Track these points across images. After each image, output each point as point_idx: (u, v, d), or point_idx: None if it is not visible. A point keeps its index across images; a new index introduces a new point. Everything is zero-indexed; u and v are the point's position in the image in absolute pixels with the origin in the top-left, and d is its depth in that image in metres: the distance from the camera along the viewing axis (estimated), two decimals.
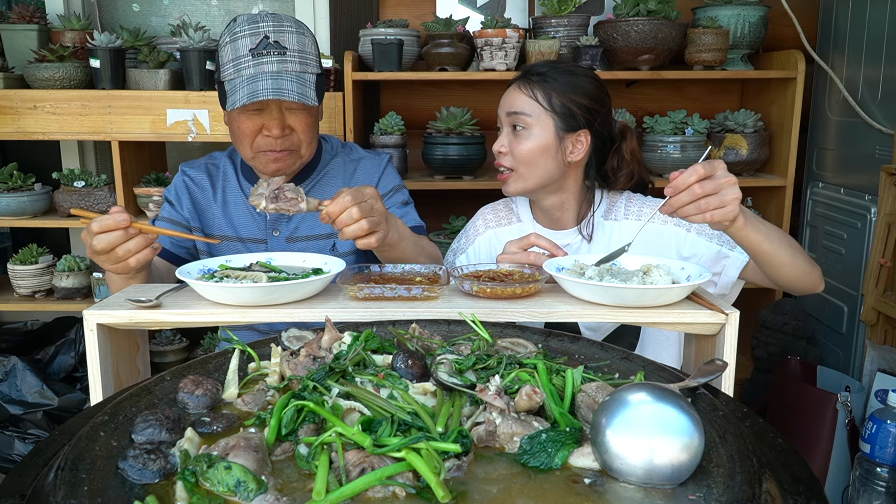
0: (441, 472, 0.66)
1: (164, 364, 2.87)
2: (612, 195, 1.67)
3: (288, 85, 1.45)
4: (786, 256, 1.33)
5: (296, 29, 1.51)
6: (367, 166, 1.74)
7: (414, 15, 2.92)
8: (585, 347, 1.03)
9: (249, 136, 1.53)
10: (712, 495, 0.65)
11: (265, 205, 1.29)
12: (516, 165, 1.58)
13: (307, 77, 1.50)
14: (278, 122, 1.51)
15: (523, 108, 1.56)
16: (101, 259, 1.27)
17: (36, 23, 2.65)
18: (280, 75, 1.46)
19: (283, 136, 1.52)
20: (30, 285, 2.72)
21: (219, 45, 1.54)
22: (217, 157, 1.75)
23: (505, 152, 1.58)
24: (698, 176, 1.17)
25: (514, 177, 1.59)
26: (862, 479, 1.90)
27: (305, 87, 1.48)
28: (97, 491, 0.65)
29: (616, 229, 1.62)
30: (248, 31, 1.47)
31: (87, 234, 1.26)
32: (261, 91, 1.43)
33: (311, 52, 1.54)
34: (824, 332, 2.65)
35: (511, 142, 1.57)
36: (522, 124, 1.56)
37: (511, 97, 1.59)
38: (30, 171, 2.69)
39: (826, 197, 2.67)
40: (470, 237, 1.76)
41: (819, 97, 2.78)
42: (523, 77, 1.59)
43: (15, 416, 2.64)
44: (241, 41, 1.47)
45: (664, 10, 2.57)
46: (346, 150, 1.79)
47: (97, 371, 1.15)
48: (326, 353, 0.95)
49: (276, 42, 1.47)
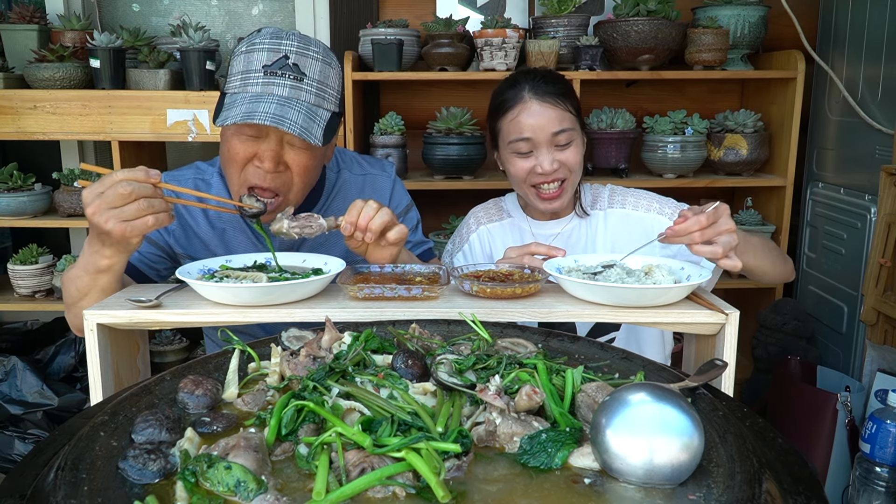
0: (441, 472, 0.66)
1: (164, 364, 2.88)
2: (594, 188, 1.75)
3: (293, 115, 1.26)
4: (768, 266, 1.46)
5: (322, 57, 1.33)
6: (375, 185, 1.63)
7: (414, 15, 2.92)
8: (585, 347, 1.03)
9: (239, 164, 1.34)
10: (712, 495, 0.65)
11: (287, 224, 1.27)
12: (568, 175, 1.60)
13: (320, 113, 1.32)
14: (274, 154, 1.32)
15: (565, 125, 1.57)
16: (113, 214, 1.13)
17: (36, 23, 2.65)
18: (288, 102, 1.28)
19: (276, 171, 1.34)
20: (30, 285, 2.72)
21: (233, 53, 1.37)
22: (206, 172, 1.55)
23: (558, 168, 1.57)
24: (700, 226, 1.22)
25: (566, 187, 1.61)
26: (862, 479, 1.90)
27: (313, 123, 1.29)
28: (97, 491, 0.65)
29: (602, 217, 1.69)
30: (267, 45, 1.30)
31: (101, 185, 1.14)
32: (258, 113, 1.24)
33: (333, 87, 1.36)
34: (824, 332, 2.65)
35: (557, 157, 1.57)
36: (570, 139, 1.58)
37: (547, 115, 1.56)
38: (30, 171, 2.69)
39: (826, 197, 2.67)
40: (463, 236, 1.78)
41: (819, 97, 2.78)
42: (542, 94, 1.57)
43: (15, 416, 2.64)
44: (256, 54, 1.30)
45: (664, 10, 2.57)
46: (348, 163, 1.63)
47: (97, 371, 1.15)
48: (326, 353, 0.95)
49: (296, 65, 1.30)
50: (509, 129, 1.59)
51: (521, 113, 1.57)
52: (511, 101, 1.59)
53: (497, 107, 1.63)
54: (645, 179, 2.72)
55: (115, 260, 1.23)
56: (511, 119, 1.58)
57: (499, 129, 1.64)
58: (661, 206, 1.66)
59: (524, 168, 1.59)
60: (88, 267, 1.25)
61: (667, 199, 1.69)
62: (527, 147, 1.58)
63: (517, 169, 1.60)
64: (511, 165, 1.62)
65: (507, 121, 1.59)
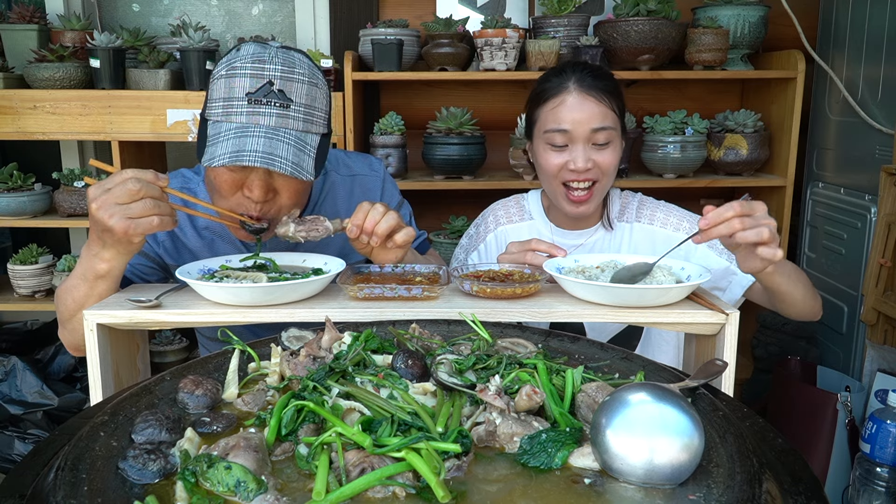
0: (441, 472, 0.66)
1: (164, 364, 2.87)
2: (623, 196, 1.66)
3: (282, 150, 1.22)
4: (798, 295, 1.37)
5: (308, 78, 1.28)
6: (364, 186, 1.59)
7: (414, 15, 2.92)
8: (585, 347, 1.03)
9: (227, 192, 1.31)
10: (712, 495, 0.65)
11: (293, 228, 1.27)
12: (601, 178, 1.52)
13: (309, 139, 1.28)
14: (263, 183, 1.28)
15: (606, 122, 1.49)
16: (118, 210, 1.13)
17: (36, 23, 2.65)
18: (276, 133, 1.23)
19: (266, 200, 1.30)
20: (30, 285, 2.72)
21: (213, 74, 1.30)
22: (192, 181, 1.51)
23: (591, 167, 1.50)
24: (735, 212, 1.14)
25: (596, 191, 1.53)
26: (862, 479, 1.90)
27: (303, 154, 1.25)
28: (97, 491, 0.65)
29: (627, 231, 1.62)
30: (249, 70, 1.24)
31: (110, 181, 1.14)
32: (247, 153, 1.20)
33: (321, 108, 1.31)
34: (824, 332, 2.65)
35: (592, 156, 1.49)
36: (609, 139, 1.50)
37: (587, 111, 1.48)
38: (30, 171, 2.69)
39: (826, 197, 2.67)
40: (481, 234, 1.72)
41: (819, 97, 2.78)
42: (588, 87, 1.50)
43: (15, 416, 2.64)
44: (238, 80, 1.24)
45: (664, 10, 2.57)
46: (334, 164, 1.60)
47: (97, 371, 1.15)
48: (326, 353, 0.95)
49: (281, 91, 1.24)
50: (547, 118, 1.52)
51: (561, 103, 1.49)
52: (554, 89, 1.51)
53: (538, 94, 1.56)
54: (645, 179, 2.71)
55: (114, 264, 1.22)
56: (551, 108, 1.51)
57: (536, 118, 1.56)
58: (692, 225, 1.59)
59: (556, 163, 1.51)
60: (87, 273, 1.23)
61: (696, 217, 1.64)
62: (562, 140, 1.50)
63: (549, 163, 1.52)
64: (543, 158, 1.54)
65: (547, 109, 1.52)
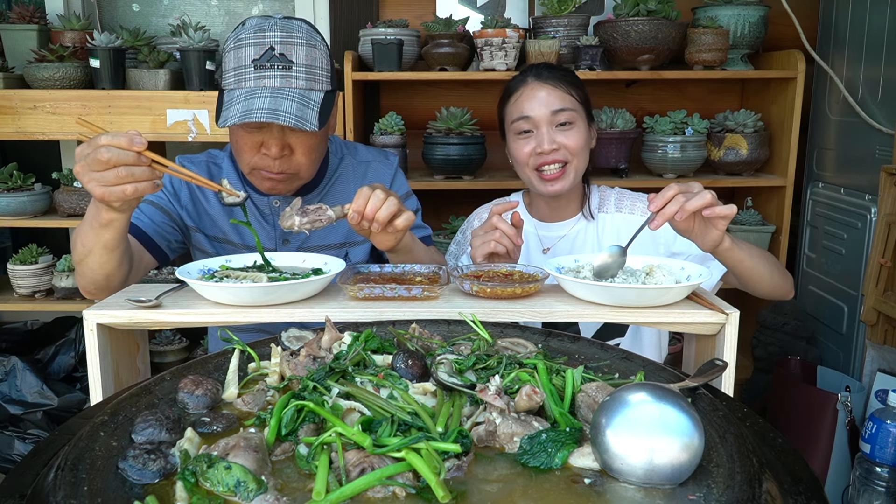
0: (441, 472, 0.66)
1: (164, 364, 2.87)
2: (602, 190, 1.75)
3: (287, 105, 1.33)
4: (765, 272, 1.42)
5: (306, 40, 1.39)
6: (377, 171, 1.67)
7: (414, 15, 2.92)
8: (585, 347, 1.03)
9: (248, 153, 1.44)
10: (712, 495, 0.65)
11: (298, 221, 1.27)
12: (570, 159, 1.61)
13: (312, 96, 1.38)
14: (278, 141, 1.41)
15: (565, 104, 1.60)
16: (94, 177, 1.14)
17: (36, 23, 2.65)
18: (281, 93, 1.35)
19: (282, 156, 1.43)
20: (30, 285, 2.72)
21: (223, 48, 1.44)
22: (218, 157, 1.65)
23: (557, 148, 1.59)
24: (676, 190, 1.22)
25: (568, 171, 1.61)
26: (862, 479, 1.90)
27: (307, 109, 1.36)
28: (97, 491, 0.65)
29: (608, 221, 1.69)
30: (253, 39, 1.37)
31: (88, 146, 1.14)
32: (254, 111, 1.32)
33: (322, 67, 1.42)
34: (824, 332, 2.65)
35: (557, 138, 1.59)
36: (570, 119, 1.60)
37: (545, 97, 1.60)
38: (30, 171, 2.69)
39: (826, 197, 2.67)
40: (467, 237, 1.77)
41: (819, 97, 2.78)
42: (545, 77, 1.62)
43: (15, 416, 2.64)
44: (245, 49, 1.37)
45: (664, 10, 2.57)
46: (350, 150, 1.70)
47: (97, 371, 1.15)
48: (326, 353, 0.95)
49: (282, 55, 1.36)
50: (512, 111, 1.64)
51: (522, 94, 1.62)
52: (515, 85, 1.65)
53: (504, 94, 1.69)
54: (645, 179, 2.71)
55: (114, 216, 1.24)
56: (514, 101, 1.64)
57: (504, 115, 1.68)
58: None
59: (526, 151, 1.62)
60: (93, 221, 1.27)
61: None
62: (527, 125, 1.61)
63: (519, 151, 1.63)
64: (514, 149, 1.65)
65: (511, 104, 1.65)
